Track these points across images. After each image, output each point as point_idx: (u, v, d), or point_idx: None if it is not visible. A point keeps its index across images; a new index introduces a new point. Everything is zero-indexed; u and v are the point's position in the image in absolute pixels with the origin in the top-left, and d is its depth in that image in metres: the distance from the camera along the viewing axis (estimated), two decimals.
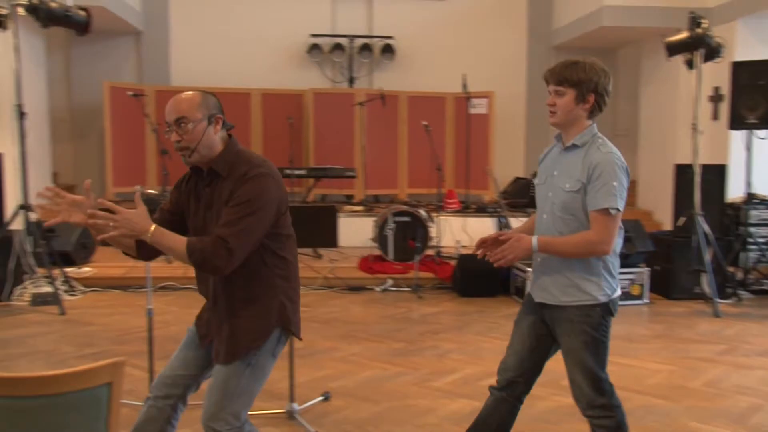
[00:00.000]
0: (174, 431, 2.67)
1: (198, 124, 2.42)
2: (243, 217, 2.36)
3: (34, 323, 5.74)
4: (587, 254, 2.62)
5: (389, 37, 10.82)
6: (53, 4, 6.06)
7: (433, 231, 7.55)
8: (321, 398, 4.04)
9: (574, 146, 2.67)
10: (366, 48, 10.77)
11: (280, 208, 2.49)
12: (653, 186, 10.16)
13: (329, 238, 3.43)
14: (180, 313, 5.99)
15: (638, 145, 10.69)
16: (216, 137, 2.48)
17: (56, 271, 6.49)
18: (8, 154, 6.77)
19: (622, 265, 4.14)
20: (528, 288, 2.94)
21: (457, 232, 8.49)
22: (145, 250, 2.55)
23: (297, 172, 8.88)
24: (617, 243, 2.69)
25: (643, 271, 6.74)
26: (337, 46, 10.74)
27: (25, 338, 5.30)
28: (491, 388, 2.90)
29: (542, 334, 2.80)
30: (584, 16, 9.88)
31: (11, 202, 6.52)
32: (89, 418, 1.79)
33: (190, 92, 2.48)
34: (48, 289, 6.32)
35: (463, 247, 8.13)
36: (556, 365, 2.88)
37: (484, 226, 8.75)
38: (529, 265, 6.54)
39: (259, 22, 10.81)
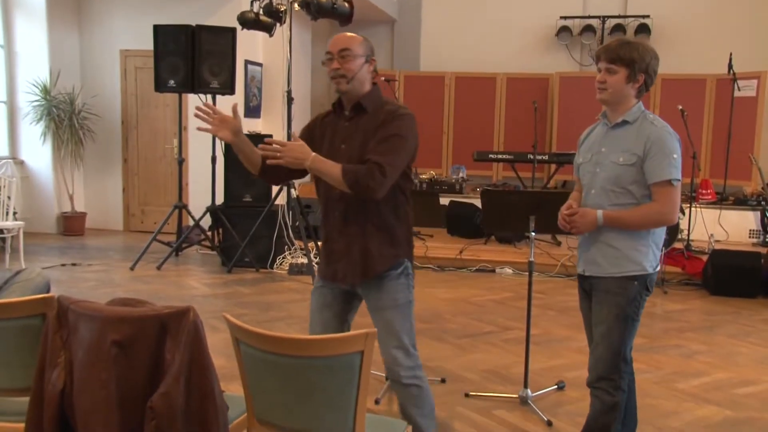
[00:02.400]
0: None
1: (358, 59, 2.66)
2: (395, 148, 2.58)
3: (291, 290, 6.33)
4: (655, 225, 2.70)
5: (645, 16, 10.22)
6: None
7: (682, 223, 7.09)
8: (555, 387, 4.01)
9: (625, 122, 2.75)
10: (619, 28, 10.28)
11: (416, 149, 2.69)
12: None
13: None
14: (420, 293, 6.23)
15: None
16: (368, 76, 2.71)
17: (311, 244, 7.09)
18: (277, 135, 7.47)
19: None
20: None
21: (710, 226, 7.88)
22: (268, 174, 2.80)
23: (539, 157, 8.76)
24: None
25: None
26: (588, 28, 10.38)
27: (283, 303, 5.87)
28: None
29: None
30: None
31: None
32: (342, 381, 1.96)
33: (353, 33, 2.74)
34: (303, 260, 6.93)
35: (717, 241, 7.55)
36: None
37: (743, 220, 8.05)
38: None
39: (508, 7, 10.77)
